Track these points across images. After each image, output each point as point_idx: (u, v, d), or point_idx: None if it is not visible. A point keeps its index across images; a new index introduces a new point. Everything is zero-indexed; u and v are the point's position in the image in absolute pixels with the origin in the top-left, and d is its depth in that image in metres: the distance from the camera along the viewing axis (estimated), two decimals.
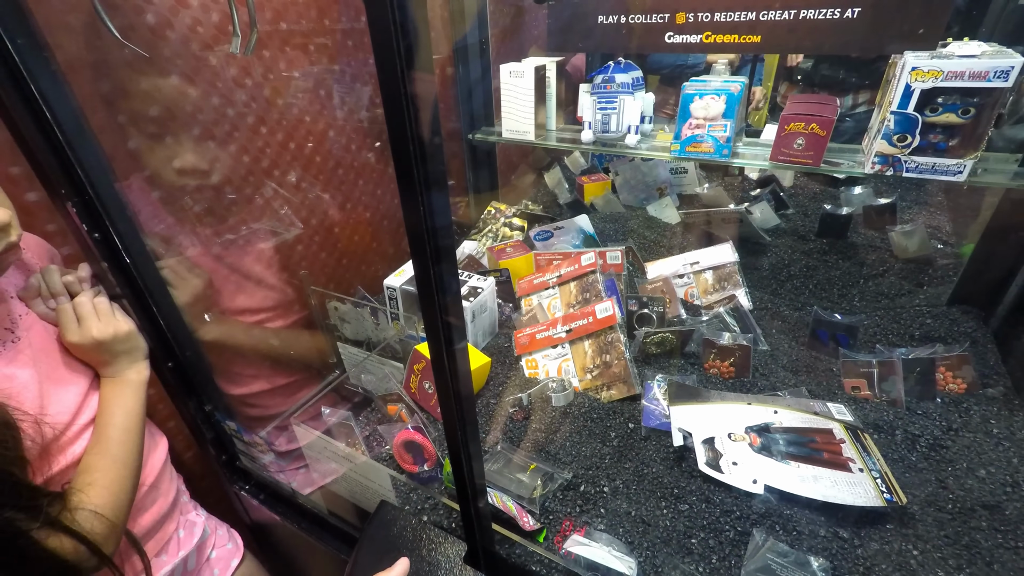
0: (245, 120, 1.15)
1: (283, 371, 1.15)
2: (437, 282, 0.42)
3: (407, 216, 0.40)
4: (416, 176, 0.38)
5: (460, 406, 0.49)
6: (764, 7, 1.12)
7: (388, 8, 0.33)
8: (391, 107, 0.36)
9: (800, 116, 1.09)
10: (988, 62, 0.86)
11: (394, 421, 0.87)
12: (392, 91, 0.35)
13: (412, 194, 0.39)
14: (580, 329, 0.96)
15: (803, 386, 0.93)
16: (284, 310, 1.15)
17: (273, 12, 1.16)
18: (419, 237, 0.40)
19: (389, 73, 0.35)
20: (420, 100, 0.36)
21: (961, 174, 0.95)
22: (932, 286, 1.26)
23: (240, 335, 1.05)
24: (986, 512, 0.69)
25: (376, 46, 0.35)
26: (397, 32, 0.34)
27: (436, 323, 0.44)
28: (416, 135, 0.35)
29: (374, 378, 0.95)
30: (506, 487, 0.73)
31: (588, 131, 1.35)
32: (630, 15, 1.26)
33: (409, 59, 0.35)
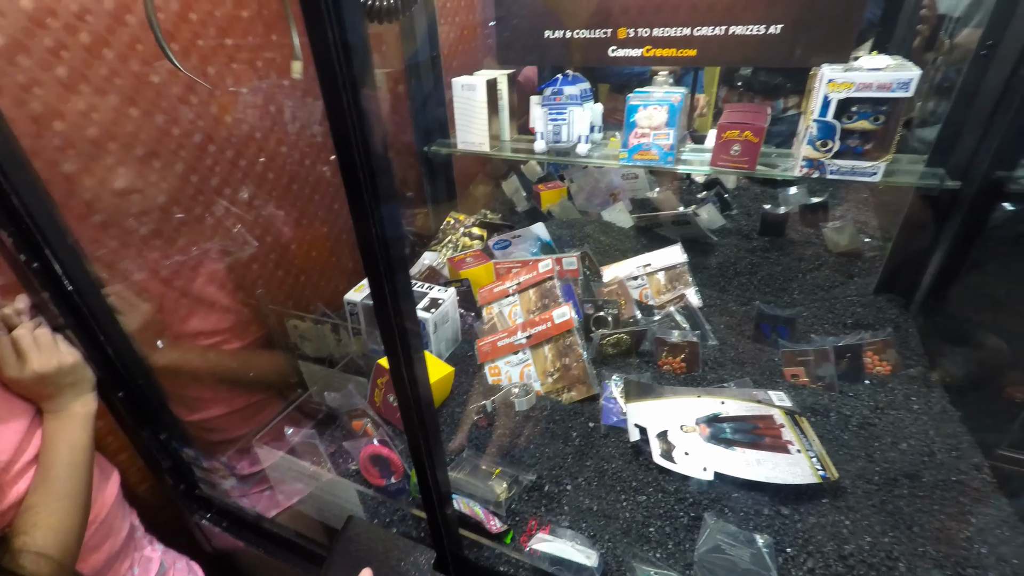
0: (191, 138, 1.13)
1: (243, 393, 1.13)
2: (391, 294, 0.44)
3: (358, 231, 0.41)
4: (364, 190, 0.40)
5: (421, 416, 0.51)
6: (698, 24, 1.19)
7: (328, 25, 0.34)
8: (336, 123, 0.38)
9: (735, 124, 1.17)
10: (891, 75, 0.96)
11: (360, 436, 0.87)
12: (336, 107, 0.37)
13: (361, 208, 0.40)
14: (539, 334, 1.00)
15: (748, 376, 1.00)
16: (241, 331, 1.13)
17: (217, 28, 1.14)
18: (371, 251, 0.42)
19: (332, 89, 0.36)
20: (364, 115, 0.38)
21: (876, 175, 1.05)
22: (861, 277, 1.37)
23: (195, 360, 1.02)
24: (907, 481, 0.77)
25: (318, 63, 0.36)
26: (338, 49, 0.35)
27: (392, 334, 0.46)
28: (362, 149, 0.37)
29: (338, 395, 0.95)
30: (473, 492, 0.75)
31: (541, 141, 1.39)
32: (574, 30, 1.32)
33: (351, 74, 0.36)
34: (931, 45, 1.49)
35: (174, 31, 1.06)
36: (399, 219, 0.44)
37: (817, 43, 1.10)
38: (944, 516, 0.72)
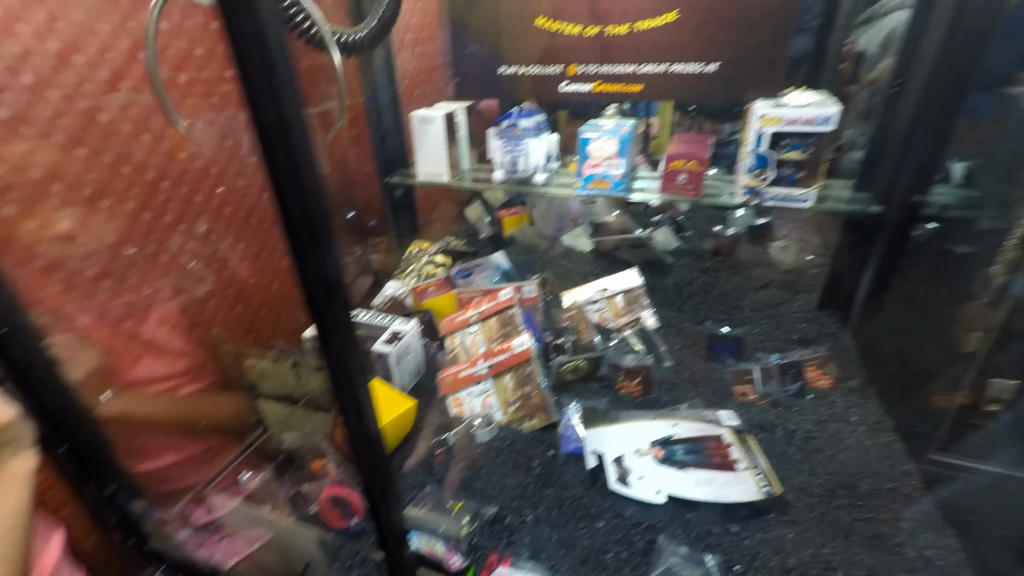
0: (143, 176, 1.12)
1: (197, 439, 1.10)
2: (334, 335, 0.45)
3: (299, 269, 0.42)
4: (302, 229, 0.41)
5: (372, 457, 0.52)
6: (643, 61, 1.27)
7: (256, 62, 0.35)
8: (271, 161, 0.38)
9: (680, 155, 1.23)
10: (815, 111, 1.04)
11: (320, 477, 0.86)
12: (268, 144, 0.37)
13: (299, 247, 0.41)
14: (500, 364, 1.01)
15: (701, 397, 1.04)
16: (195, 374, 1.10)
17: (171, 66, 1.14)
18: (313, 295, 0.43)
19: (264, 128, 0.37)
20: (299, 151, 0.38)
21: (808, 202, 1.13)
22: (805, 293, 1.45)
23: (146, 407, 0.99)
24: (845, 491, 0.82)
25: (250, 102, 0.37)
26: (270, 85, 0.36)
27: (338, 377, 0.47)
28: (298, 185, 0.38)
29: (297, 434, 0.94)
30: (434, 529, 0.75)
31: (499, 171, 1.43)
32: (527, 67, 1.38)
33: (281, 112, 0.37)
34: (854, 79, 1.62)
35: (124, 69, 1.06)
36: (337, 259, 0.45)
37: (749, 80, 1.18)
38: (879, 523, 0.77)
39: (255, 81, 0.35)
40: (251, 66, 0.34)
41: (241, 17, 0.33)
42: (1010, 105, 0.99)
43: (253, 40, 0.33)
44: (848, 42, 1.77)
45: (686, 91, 1.26)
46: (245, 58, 0.34)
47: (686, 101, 2.00)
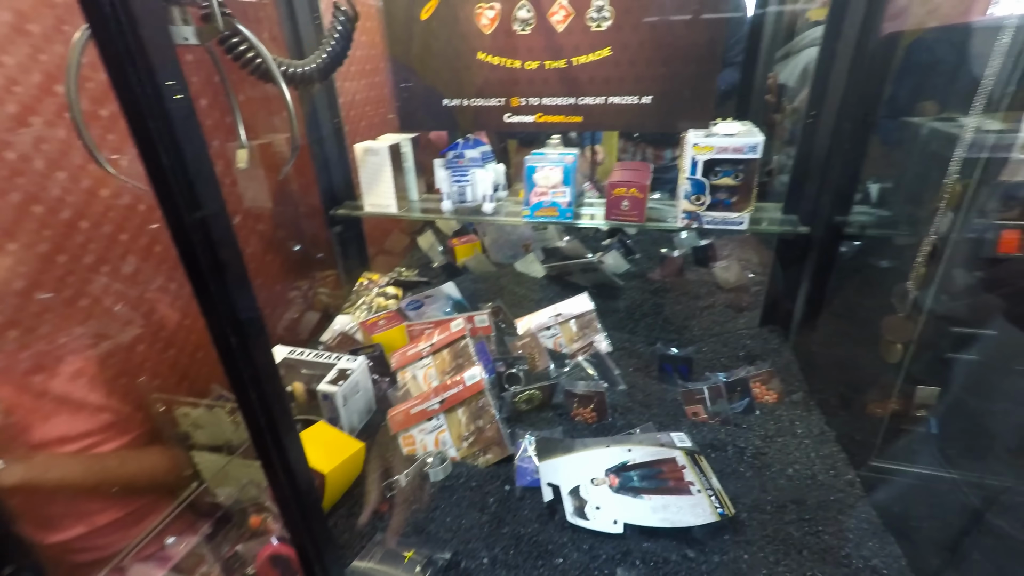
0: (58, 216, 1.04)
1: (120, 501, 0.99)
2: (251, 381, 0.42)
3: (204, 310, 0.39)
4: (203, 266, 0.37)
5: (303, 512, 0.48)
6: (582, 94, 1.32)
7: (136, 84, 0.32)
8: (162, 194, 0.35)
9: (622, 183, 1.27)
10: (742, 140, 1.10)
11: (260, 534, 0.80)
12: (159, 176, 0.35)
13: (203, 287, 0.38)
14: (452, 398, 0.99)
15: (654, 420, 1.05)
16: (119, 428, 1.01)
17: (90, 99, 1.08)
18: (222, 334, 0.40)
19: (154, 161, 0.34)
20: (202, 187, 0.36)
21: (743, 224, 1.18)
22: (749, 310, 1.51)
23: (56, 471, 0.89)
24: (795, 506, 0.84)
25: (135, 131, 0.34)
26: (160, 111, 0.33)
27: (259, 431, 0.43)
28: (197, 219, 0.35)
29: (233, 489, 0.87)
30: None
31: (447, 201, 1.43)
32: (471, 99, 1.40)
33: (175, 143, 0.34)
34: (777, 109, 1.75)
35: (35, 105, 0.99)
36: (252, 298, 0.42)
37: (681, 112, 1.25)
38: (827, 536, 0.79)
39: (143, 113, 0.32)
40: (138, 100, 0.32)
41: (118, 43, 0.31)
42: (910, 131, 1.09)
43: (141, 75, 0.31)
44: (770, 76, 1.91)
45: (624, 122, 1.31)
46: (130, 94, 0.32)
47: (625, 131, 2.08)
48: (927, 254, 0.76)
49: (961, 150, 0.73)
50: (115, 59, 0.30)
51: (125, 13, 0.29)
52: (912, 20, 1.06)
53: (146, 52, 0.31)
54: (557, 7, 1.24)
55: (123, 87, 0.31)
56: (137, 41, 0.30)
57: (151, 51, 0.31)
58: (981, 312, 0.77)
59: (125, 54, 0.30)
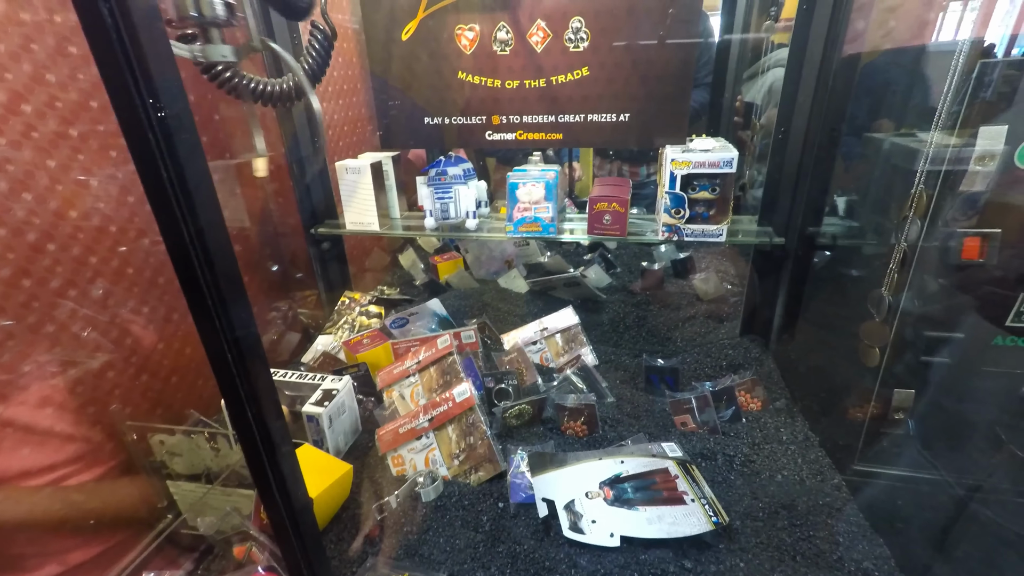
0: (23, 238, 1.00)
1: (93, 538, 0.94)
2: (254, 399, 0.41)
3: (203, 335, 0.38)
4: (205, 286, 0.37)
5: (300, 537, 0.46)
6: (561, 112, 1.35)
7: (139, 99, 0.31)
8: (160, 209, 0.34)
9: (604, 197, 1.30)
10: (718, 155, 1.14)
11: (244, 565, 0.76)
12: (159, 191, 0.34)
13: (203, 308, 0.37)
14: (441, 416, 0.97)
15: (643, 431, 1.05)
16: (89, 460, 0.96)
17: (59, 120, 1.06)
18: (220, 355, 0.38)
19: (154, 176, 0.33)
20: (198, 200, 0.35)
21: (721, 236, 1.22)
22: (729, 321, 1.54)
23: (21, 506, 0.84)
24: (786, 512, 0.85)
25: (131, 146, 0.33)
26: (155, 130, 0.32)
27: (255, 444, 0.42)
28: (198, 240, 0.35)
29: (215, 518, 0.83)
30: None
31: (430, 218, 1.43)
32: (452, 117, 1.41)
33: (174, 159, 0.33)
34: (746, 126, 1.82)
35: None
36: (250, 316, 0.41)
37: (657, 129, 1.29)
38: (818, 540, 0.80)
39: (143, 130, 0.32)
40: (139, 116, 0.31)
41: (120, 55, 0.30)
42: (872, 146, 1.14)
43: (142, 86, 0.31)
44: (738, 97, 2.00)
45: (603, 139, 1.35)
46: (129, 104, 0.31)
47: (604, 148, 2.14)
48: (899, 261, 0.80)
49: (925, 163, 0.77)
50: (116, 73, 0.30)
51: (127, 32, 0.29)
52: (870, 43, 1.13)
53: (147, 67, 0.30)
54: (536, 28, 1.27)
55: (123, 104, 0.31)
56: (139, 55, 0.30)
57: (152, 66, 0.30)
58: (951, 315, 0.80)
59: (127, 69, 0.30)
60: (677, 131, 1.26)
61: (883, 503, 0.88)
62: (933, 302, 0.83)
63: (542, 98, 1.34)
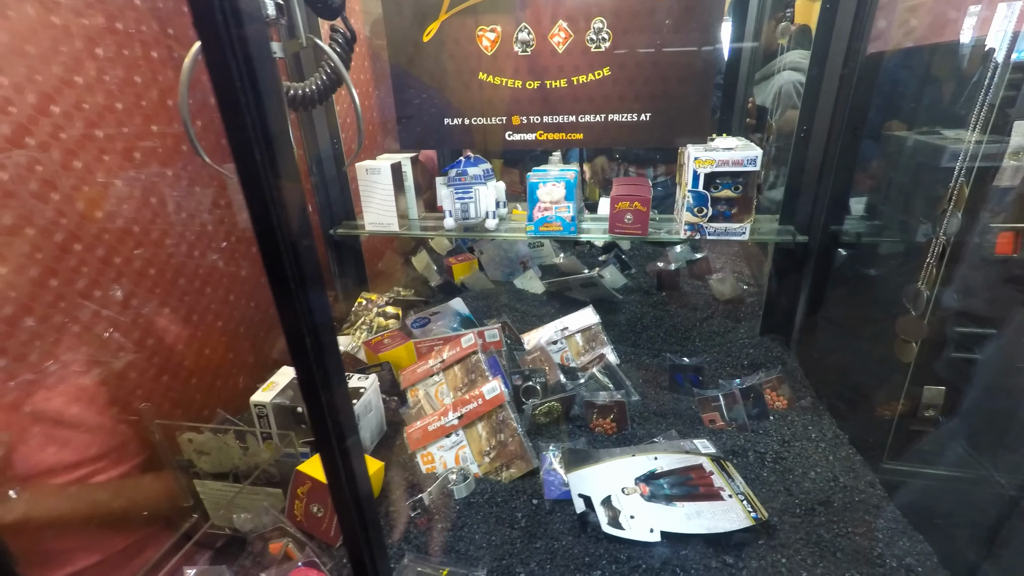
0: (51, 238, 1.00)
1: (119, 534, 0.93)
2: (324, 386, 0.41)
3: (284, 319, 0.39)
4: (289, 275, 0.37)
5: (364, 525, 0.46)
6: (582, 112, 1.35)
7: (247, 113, 0.33)
8: (256, 206, 0.36)
9: (626, 196, 1.30)
10: (741, 153, 1.15)
11: (280, 561, 0.76)
12: (255, 192, 0.35)
13: (287, 295, 0.38)
14: (471, 413, 0.97)
15: (673, 428, 1.05)
16: (115, 457, 0.95)
17: (85, 121, 1.06)
18: (299, 340, 0.39)
19: (251, 175, 0.34)
20: (287, 198, 0.36)
21: (744, 234, 1.22)
22: (747, 321, 1.54)
23: (51, 503, 0.83)
24: (822, 508, 0.84)
25: (235, 149, 0.34)
26: (257, 133, 0.34)
27: (327, 431, 0.42)
28: (285, 232, 0.35)
29: (249, 514, 0.82)
30: None
31: (450, 219, 1.43)
32: (472, 118, 1.42)
33: (272, 159, 0.35)
34: (759, 128, 1.83)
35: (29, 125, 0.97)
36: (327, 304, 0.42)
37: (680, 128, 1.29)
38: (857, 536, 0.80)
39: (247, 132, 0.33)
40: (245, 121, 0.32)
41: (231, 66, 0.31)
42: (894, 144, 1.15)
43: (250, 95, 0.31)
44: (750, 100, 2.01)
45: (624, 138, 1.35)
46: (237, 112, 0.32)
47: (625, 147, 2.14)
48: (937, 255, 0.80)
49: (965, 157, 0.77)
50: (225, 74, 0.31)
51: (236, 31, 0.30)
52: (894, 41, 1.14)
53: (254, 69, 0.31)
54: (557, 29, 1.28)
55: (229, 103, 0.31)
56: (246, 58, 0.31)
57: (258, 68, 0.31)
58: (991, 309, 0.80)
59: (236, 71, 0.31)
60: (699, 130, 1.27)
61: (919, 500, 0.88)
62: (974, 296, 0.83)
63: (563, 98, 1.35)
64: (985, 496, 0.87)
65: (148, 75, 1.19)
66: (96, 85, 1.07)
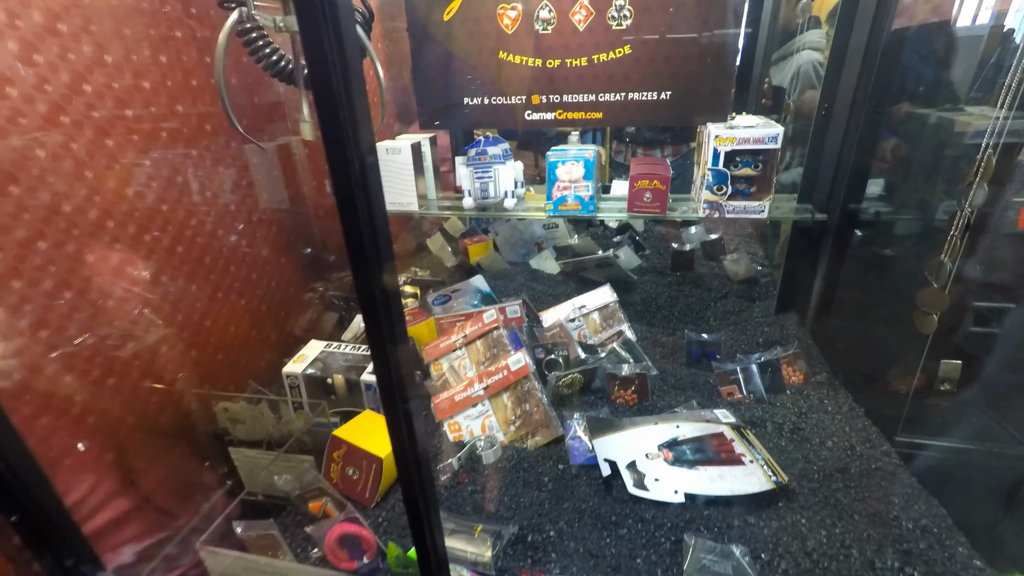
0: (85, 216, 1.04)
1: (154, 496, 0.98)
2: (392, 351, 0.44)
3: (358, 285, 0.42)
4: (366, 244, 0.41)
5: (421, 479, 0.49)
6: (602, 91, 1.36)
7: (335, 94, 0.36)
8: (340, 183, 0.39)
9: (645, 175, 1.31)
10: (763, 131, 1.15)
11: (319, 519, 0.79)
12: (342, 173, 0.38)
13: (362, 262, 0.41)
14: (497, 384, 1.00)
15: (692, 399, 1.08)
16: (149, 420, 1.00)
17: (115, 100, 1.09)
18: (371, 304, 0.41)
19: (339, 154, 0.37)
20: (369, 176, 0.39)
21: (763, 212, 1.23)
22: (762, 300, 1.56)
23: None
24: (840, 475, 0.87)
25: (326, 128, 0.37)
26: (347, 114, 0.37)
27: (392, 389, 0.45)
28: (366, 206, 0.38)
29: (290, 476, 0.86)
30: (457, 556, 0.71)
31: (469, 198, 1.45)
32: (492, 97, 1.43)
33: (357, 140, 0.38)
34: (776, 109, 1.82)
35: (64, 104, 0.99)
36: (394, 271, 0.45)
37: (700, 106, 1.30)
38: (874, 500, 0.82)
39: (338, 116, 0.35)
40: (336, 105, 0.35)
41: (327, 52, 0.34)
42: (916, 121, 1.15)
43: (339, 79, 0.34)
44: (766, 81, 2.00)
45: (644, 117, 1.36)
46: (329, 95, 0.35)
47: (645, 126, 2.14)
48: (962, 227, 0.81)
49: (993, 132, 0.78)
50: (320, 55, 0.34)
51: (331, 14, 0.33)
52: (919, 16, 1.13)
53: (343, 47, 0.33)
54: (578, 7, 1.28)
55: (322, 82, 0.34)
56: (336, 38, 0.33)
57: (347, 46, 0.34)
58: (1013, 281, 0.81)
59: (329, 51, 0.33)
60: (720, 108, 1.27)
61: (934, 469, 0.90)
62: (996, 269, 0.84)
63: (583, 77, 1.35)
64: (1003, 463, 0.89)
65: (174, 55, 1.21)
66: (124, 64, 1.09)
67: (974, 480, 0.88)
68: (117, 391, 1.04)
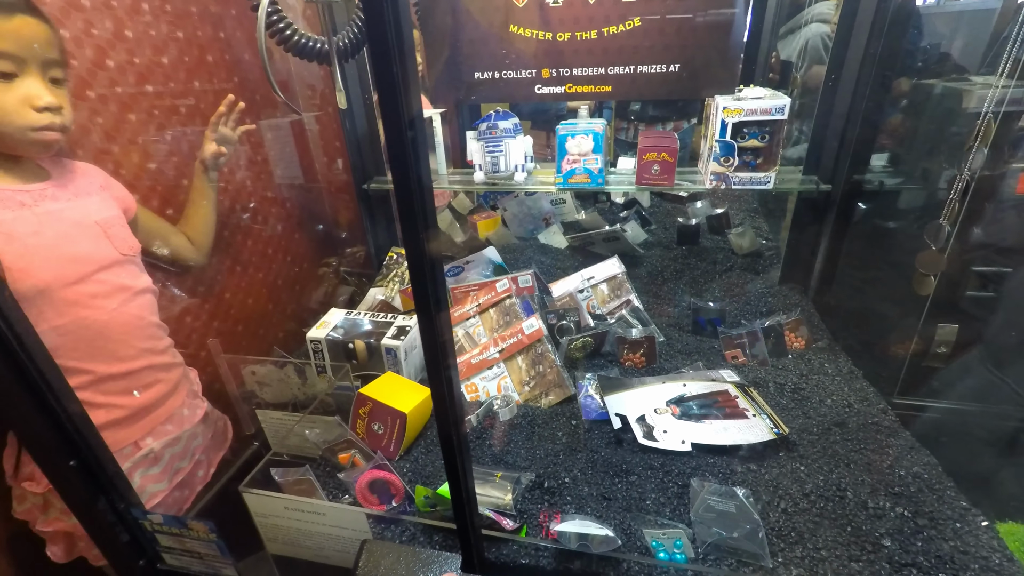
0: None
1: None
2: (437, 303, 0.48)
3: (408, 249, 0.46)
4: (416, 210, 0.45)
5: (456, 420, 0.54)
6: (611, 64, 1.37)
7: (393, 67, 0.40)
8: (395, 149, 0.43)
9: (653, 147, 1.34)
10: (770, 102, 1.18)
11: (348, 468, 0.85)
12: (397, 144, 0.42)
13: (413, 228, 0.45)
14: (512, 347, 1.05)
15: (699, 361, 1.12)
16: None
17: (137, 75, 1.12)
18: (419, 267, 0.46)
19: (395, 125, 0.41)
20: (419, 148, 0.43)
21: (769, 184, 1.26)
22: (766, 272, 1.59)
23: None
24: (838, 429, 0.92)
25: (383, 101, 0.41)
26: (400, 90, 0.41)
27: (435, 350, 0.49)
28: (416, 176, 0.42)
29: (320, 430, 0.91)
30: (480, 500, 0.76)
31: (480, 173, 1.48)
32: (503, 71, 1.45)
33: (410, 111, 0.42)
34: (783, 83, 1.83)
35: (89, 78, 1.02)
36: (439, 237, 0.50)
37: (709, 79, 1.31)
38: (869, 451, 0.87)
39: (395, 97, 0.39)
40: (393, 90, 0.39)
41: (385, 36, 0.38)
42: (922, 92, 1.17)
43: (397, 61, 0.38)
44: (773, 55, 2.00)
45: (652, 90, 1.37)
46: (388, 78, 0.38)
47: (652, 99, 2.16)
48: (961, 191, 0.84)
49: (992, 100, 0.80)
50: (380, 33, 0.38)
51: None
52: None
53: (399, 17, 0.37)
54: None
55: (380, 59, 0.38)
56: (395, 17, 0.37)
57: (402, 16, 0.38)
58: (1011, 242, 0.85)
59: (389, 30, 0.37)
60: (728, 80, 1.29)
61: (928, 425, 0.95)
62: (994, 231, 0.87)
63: (592, 50, 1.37)
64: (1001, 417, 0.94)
65: (190, 31, 1.23)
66: (144, 39, 1.12)
67: (967, 434, 0.93)
68: None
